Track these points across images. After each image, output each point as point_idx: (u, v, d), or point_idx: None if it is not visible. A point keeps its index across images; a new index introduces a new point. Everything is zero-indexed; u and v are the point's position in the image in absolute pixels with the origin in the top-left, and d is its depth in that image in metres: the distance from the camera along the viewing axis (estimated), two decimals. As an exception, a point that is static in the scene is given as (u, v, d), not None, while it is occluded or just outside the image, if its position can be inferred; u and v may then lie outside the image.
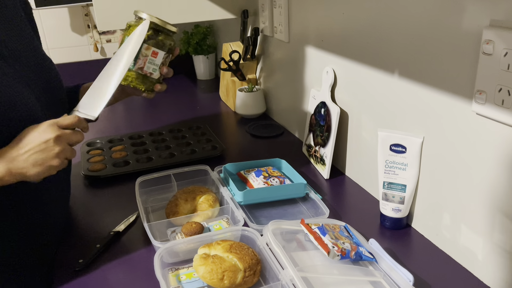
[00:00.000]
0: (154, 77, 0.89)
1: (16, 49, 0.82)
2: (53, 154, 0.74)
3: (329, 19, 1.08)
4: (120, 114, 1.69)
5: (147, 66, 0.86)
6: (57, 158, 0.74)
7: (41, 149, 0.73)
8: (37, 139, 0.73)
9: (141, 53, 0.85)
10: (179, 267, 0.78)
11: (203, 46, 2.01)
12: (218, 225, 0.90)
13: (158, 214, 0.96)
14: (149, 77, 0.88)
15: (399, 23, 0.83)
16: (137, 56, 0.85)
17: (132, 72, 0.86)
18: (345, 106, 1.07)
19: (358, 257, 0.75)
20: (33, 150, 0.73)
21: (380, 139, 0.87)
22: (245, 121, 1.51)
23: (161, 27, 0.86)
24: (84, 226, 0.95)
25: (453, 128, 0.75)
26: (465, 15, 0.68)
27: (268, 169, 1.04)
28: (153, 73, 0.88)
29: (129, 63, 0.84)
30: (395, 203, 0.86)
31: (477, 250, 0.74)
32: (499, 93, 0.63)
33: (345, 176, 1.11)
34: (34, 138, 0.73)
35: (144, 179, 1.02)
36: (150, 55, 0.86)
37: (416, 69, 0.81)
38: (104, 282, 0.78)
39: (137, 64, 0.86)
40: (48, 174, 0.75)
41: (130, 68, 0.85)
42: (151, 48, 0.86)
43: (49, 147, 0.73)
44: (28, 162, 0.72)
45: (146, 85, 0.88)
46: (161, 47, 0.86)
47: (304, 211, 0.96)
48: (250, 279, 0.73)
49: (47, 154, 0.74)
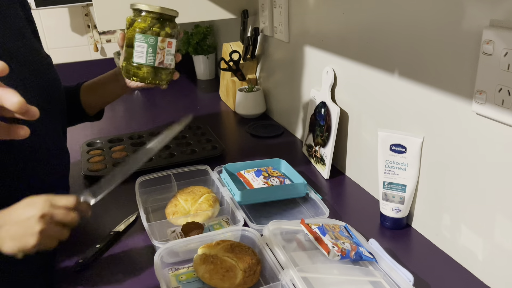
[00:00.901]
0: (172, 67, 0.86)
1: (12, 48, 0.82)
2: (32, 231, 0.68)
3: (329, 19, 1.08)
4: (120, 114, 1.69)
5: (166, 58, 0.84)
6: (34, 237, 0.68)
7: (22, 224, 0.68)
8: (22, 213, 0.69)
9: (159, 47, 0.82)
10: (179, 267, 0.78)
11: (203, 46, 2.01)
12: (218, 225, 0.90)
13: (158, 214, 0.96)
14: (168, 68, 0.85)
15: (399, 23, 0.83)
16: (155, 51, 0.82)
17: (151, 69, 0.83)
18: (345, 106, 1.06)
19: (358, 257, 0.75)
20: (14, 223, 0.68)
21: (380, 139, 0.87)
22: (245, 121, 1.51)
23: (167, 16, 0.83)
24: (84, 226, 0.95)
25: (453, 128, 0.75)
26: (465, 15, 0.68)
27: (268, 169, 1.04)
28: (172, 64, 0.86)
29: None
30: (395, 203, 0.86)
31: (477, 250, 0.74)
32: (499, 93, 0.63)
33: (345, 176, 1.11)
34: (20, 210, 0.69)
35: (144, 179, 1.02)
36: (166, 47, 0.83)
37: (416, 69, 0.81)
38: (104, 282, 0.78)
39: (157, 59, 0.83)
40: (25, 252, 0.69)
41: (151, 64, 0.83)
42: (166, 39, 0.82)
43: (30, 224, 0.68)
44: (7, 233, 0.68)
45: (167, 77, 0.86)
46: (173, 35, 0.84)
47: (304, 211, 0.96)
48: (250, 279, 0.73)
49: (25, 231, 0.68)
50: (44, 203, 0.70)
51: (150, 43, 0.82)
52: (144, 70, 0.83)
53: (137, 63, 0.83)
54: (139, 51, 0.82)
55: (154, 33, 0.82)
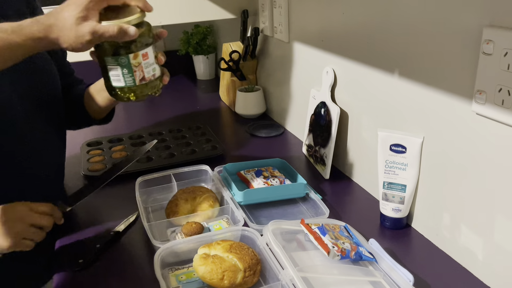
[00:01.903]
0: (158, 75, 0.77)
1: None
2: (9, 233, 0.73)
3: (329, 19, 1.08)
4: (120, 114, 1.69)
5: (146, 72, 0.74)
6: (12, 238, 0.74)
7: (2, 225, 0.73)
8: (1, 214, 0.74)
9: (133, 65, 0.72)
10: (179, 267, 0.78)
11: (203, 46, 2.01)
12: (218, 225, 0.90)
13: (158, 214, 0.96)
14: (153, 80, 0.76)
15: (399, 23, 0.83)
16: (131, 71, 0.72)
17: (134, 88, 0.74)
18: (345, 106, 1.06)
19: (358, 257, 0.75)
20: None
21: (380, 139, 0.87)
22: (245, 121, 1.51)
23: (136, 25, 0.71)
24: (84, 226, 0.95)
25: (453, 128, 0.75)
26: (465, 15, 0.68)
27: (268, 169, 1.04)
28: (155, 72, 0.76)
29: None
30: (395, 203, 0.86)
31: (477, 250, 0.74)
32: (499, 93, 0.63)
33: (345, 176, 1.11)
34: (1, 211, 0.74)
35: (144, 179, 1.02)
36: (142, 61, 0.73)
37: (416, 69, 0.81)
38: (104, 282, 0.78)
39: (137, 77, 0.73)
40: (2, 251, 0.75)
41: (131, 85, 0.74)
42: (139, 53, 0.72)
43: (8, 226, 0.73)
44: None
45: (155, 88, 0.77)
46: (146, 44, 0.73)
47: (304, 211, 0.96)
48: (250, 279, 0.73)
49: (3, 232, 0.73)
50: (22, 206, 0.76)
51: (123, 64, 0.72)
52: (127, 92, 0.75)
53: (117, 87, 0.75)
54: (114, 75, 0.74)
55: (123, 52, 0.71)
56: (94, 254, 0.83)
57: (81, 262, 0.81)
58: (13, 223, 0.74)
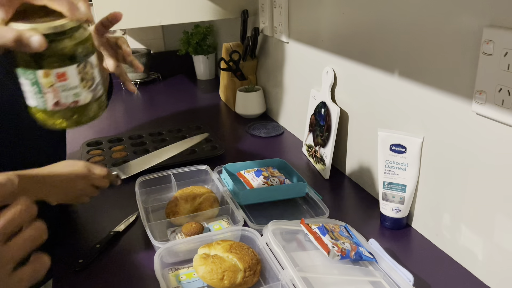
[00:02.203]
0: (84, 102, 0.56)
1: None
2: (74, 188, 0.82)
3: (329, 19, 1.08)
4: (120, 114, 1.69)
5: (63, 96, 0.54)
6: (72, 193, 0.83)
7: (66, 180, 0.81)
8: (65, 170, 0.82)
9: (42, 85, 0.53)
10: (179, 267, 0.78)
11: (203, 46, 2.01)
12: (218, 225, 0.90)
13: (158, 214, 0.96)
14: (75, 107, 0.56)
15: (399, 23, 0.83)
16: (40, 91, 0.53)
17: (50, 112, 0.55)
18: (345, 106, 1.06)
19: (358, 257, 0.75)
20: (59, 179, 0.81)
21: (380, 139, 0.87)
22: (245, 121, 1.51)
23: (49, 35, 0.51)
24: (84, 226, 0.95)
25: (453, 128, 0.75)
26: (465, 15, 0.68)
27: (268, 169, 1.04)
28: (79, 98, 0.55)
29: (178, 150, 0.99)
30: (395, 203, 0.86)
31: (477, 250, 0.74)
32: (499, 93, 0.63)
33: (345, 176, 1.11)
34: (63, 169, 0.82)
35: (144, 179, 1.02)
36: (56, 82, 0.53)
37: (416, 69, 0.81)
38: (104, 282, 0.78)
39: (49, 100, 0.54)
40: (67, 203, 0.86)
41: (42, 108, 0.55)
42: (52, 71, 0.52)
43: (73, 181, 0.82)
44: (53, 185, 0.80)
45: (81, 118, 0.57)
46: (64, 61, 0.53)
47: (304, 211, 0.96)
48: (250, 279, 0.73)
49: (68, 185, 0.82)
50: (85, 167, 0.84)
51: (31, 80, 0.53)
52: (40, 115, 0.56)
53: (31, 106, 0.56)
54: (26, 91, 0.55)
55: (33, 65, 0.52)
56: (94, 254, 0.83)
57: (81, 262, 0.81)
58: (75, 181, 0.82)
